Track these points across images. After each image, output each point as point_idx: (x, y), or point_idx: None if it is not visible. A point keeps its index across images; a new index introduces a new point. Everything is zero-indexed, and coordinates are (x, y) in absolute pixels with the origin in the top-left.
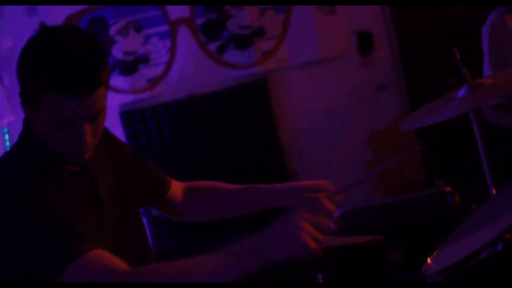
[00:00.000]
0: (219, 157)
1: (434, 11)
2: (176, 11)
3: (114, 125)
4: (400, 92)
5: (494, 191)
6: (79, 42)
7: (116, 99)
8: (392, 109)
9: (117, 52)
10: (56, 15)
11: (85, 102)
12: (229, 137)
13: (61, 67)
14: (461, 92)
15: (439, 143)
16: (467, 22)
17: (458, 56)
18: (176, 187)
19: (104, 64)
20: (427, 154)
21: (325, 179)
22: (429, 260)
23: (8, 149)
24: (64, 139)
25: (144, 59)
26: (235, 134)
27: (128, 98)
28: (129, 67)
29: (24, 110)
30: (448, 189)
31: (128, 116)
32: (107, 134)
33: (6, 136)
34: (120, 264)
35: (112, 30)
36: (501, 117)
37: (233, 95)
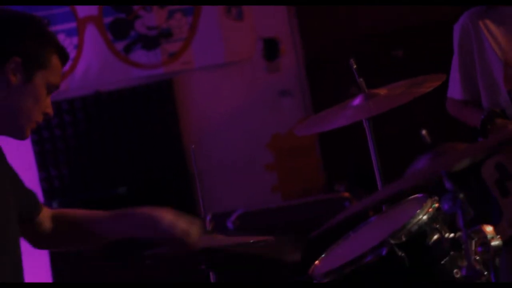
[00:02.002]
0: (121, 155)
1: (339, 20)
2: (85, 9)
3: None
4: (303, 98)
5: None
6: None
7: None
8: (295, 115)
9: None
10: None
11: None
12: (133, 136)
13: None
14: (357, 101)
15: (340, 149)
16: (370, 35)
17: (355, 66)
18: (45, 213)
19: None
20: (328, 159)
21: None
22: (317, 262)
23: None
24: (44, 105)
25: None
26: (139, 133)
27: None
28: None
29: (13, 73)
30: (346, 194)
31: None
32: None
33: None
34: None
35: None
36: (457, 111)
37: (138, 94)
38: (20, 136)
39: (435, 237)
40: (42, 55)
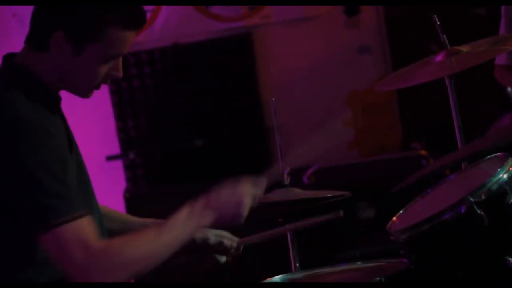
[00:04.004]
0: (199, 108)
1: None
2: None
3: None
4: (383, 55)
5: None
6: None
7: None
8: (374, 71)
9: None
10: None
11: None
12: (211, 89)
13: (122, 4)
14: (439, 58)
15: (418, 106)
16: None
17: (438, 23)
18: None
19: None
20: (405, 117)
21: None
22: (394, 218)
23: None
24: (101, 73)
25: None
26: (217, 85)
27: None
28: None
29: (59, 46)
30: (423, 152)
31: None
32: None
33: None
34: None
35: None
36: (502, 77)
37: (217, 47)
38: (82, 96)
39: None
40: (92, 28)
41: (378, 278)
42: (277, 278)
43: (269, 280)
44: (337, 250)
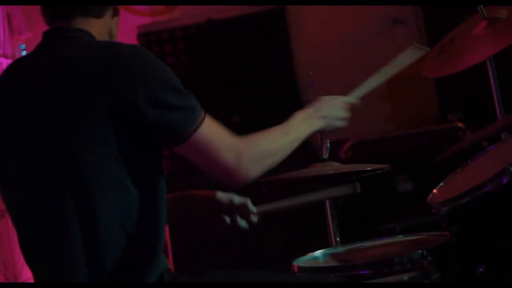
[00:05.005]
0: (234, 84)
1: None
2: None
3: None
4: (417, 26)
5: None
6: None
7: (134, 20)
8: (409, 43)
9: None
10: None
11: None
12: (246, 64)
13: None
14: (477, 30)
15: (454, 78)
16: None
17: None
18: None
19: None
20: (442, 89)
21: None
22: (435, 191)
23: None
24: None
25: None
26: (252, 61)
27: (146, 20)
28: None
29: (104, 9)
30: (460, 124)
31: (145, 37)
32: None
33: (24, 53)
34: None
35: None
36: None
37: (251, 22)
38: None
39: None
40: None
41: (419, 252)
42: (318, 253)
43: (310, 255)
44: (377, 224)
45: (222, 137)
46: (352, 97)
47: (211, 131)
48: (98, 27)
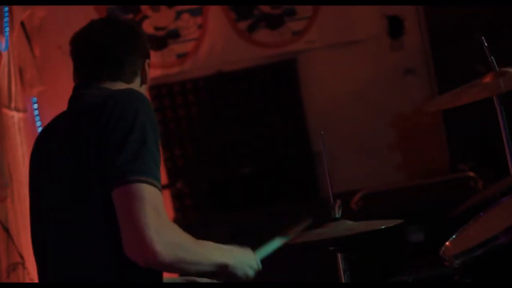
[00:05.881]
0: (245, 135)
1: None
2: None
3: None
4: (428, 76)
5: None
6: None
7: None
8: (419, 93)
9: (147, 27)
10: None
11: None
12: (256, 116)
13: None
14: (487, 79)
15: (465, 128)
16: (497, 13)
17: (486, 44)
18: None
19: None
20: (452, 139)
21: (346, 160)
22: (447, 243)
23: (38, 117)
24: None
25: (174, 35)
26: (262, 112)
27: (157, 72)
28: (159, 42)
29: (133, 76)
30: (471, 174)
31: (156, 90)
32: None
33: (35, 106)
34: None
35: (144, 5)
36: None
37: (261, 74)
38: None
39: None
40: (143, 62)
41: None
42: None
43: None
44: (387, 274)
45: (157, 208)
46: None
47: (151, 196)
48: None
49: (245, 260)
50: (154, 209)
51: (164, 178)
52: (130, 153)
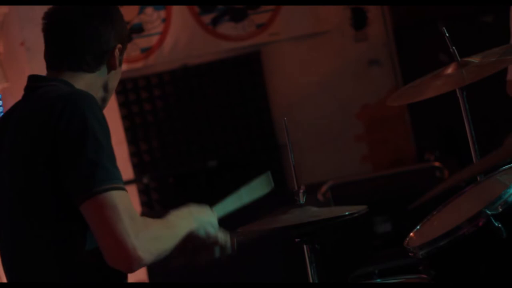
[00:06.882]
0: (210, 129)
1: None
2: None
3: None
4: (393, 67)
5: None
6: None
7: None
8: (384, 84)
9: None
10: None
11: None
12: (221, 109)
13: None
14: (449, 70)
15: (430, 118)
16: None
17: (447, 35)
18: None
19: None
20: (418, 129)
21: (312, 151)
22: (412, 234)
23: (2, 114)
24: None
25: (138, 29)
26: (227, 105)
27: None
28: None
29: (98, 65)
30: (437, 164)
31: (121, 85)
32: None
33: (0, 102)
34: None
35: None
36: None
37: (226, 67)
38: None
39: None
40: (127, 38)
41: None
42: None
43: None
44: (355, 266)
45: (129, 211)
46: (216, 213)
47: (121, 200)
48: (87, 80)
49: (205, 219)
50: (128, 213)
51: (130, 173)
52: (89, 163)
